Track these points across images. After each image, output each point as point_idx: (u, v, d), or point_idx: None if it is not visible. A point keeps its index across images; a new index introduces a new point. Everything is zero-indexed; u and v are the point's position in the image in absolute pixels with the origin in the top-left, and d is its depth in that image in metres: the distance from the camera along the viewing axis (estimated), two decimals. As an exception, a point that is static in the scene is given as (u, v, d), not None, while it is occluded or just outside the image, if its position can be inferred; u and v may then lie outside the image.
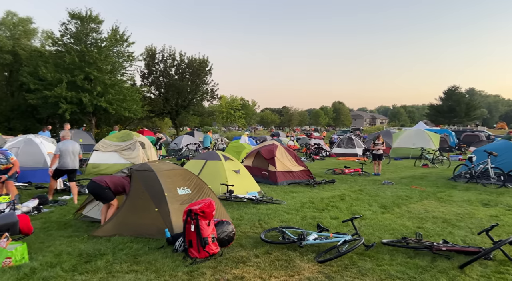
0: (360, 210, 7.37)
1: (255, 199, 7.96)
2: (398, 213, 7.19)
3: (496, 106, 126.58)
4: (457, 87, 69.10)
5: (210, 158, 9.13)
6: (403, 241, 4.98)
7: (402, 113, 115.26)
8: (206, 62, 34.05)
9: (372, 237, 5.48)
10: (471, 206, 7.83)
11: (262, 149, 11.38)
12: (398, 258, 4.55)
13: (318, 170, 14.72)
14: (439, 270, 4.14)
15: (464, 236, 5.55)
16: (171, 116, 34.97)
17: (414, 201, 8.36)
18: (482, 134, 32.63)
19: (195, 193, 5.96)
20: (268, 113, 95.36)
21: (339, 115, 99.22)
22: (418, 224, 6.32)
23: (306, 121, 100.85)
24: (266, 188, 9.78)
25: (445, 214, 7.02)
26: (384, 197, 8.84)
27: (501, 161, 10.95)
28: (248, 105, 69.55)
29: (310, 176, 11.38)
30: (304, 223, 6.31)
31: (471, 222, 6.44)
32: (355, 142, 22.99)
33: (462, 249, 4.62)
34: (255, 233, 5.68)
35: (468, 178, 11.41)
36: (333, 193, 9.40)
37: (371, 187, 10.59)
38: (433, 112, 70.15)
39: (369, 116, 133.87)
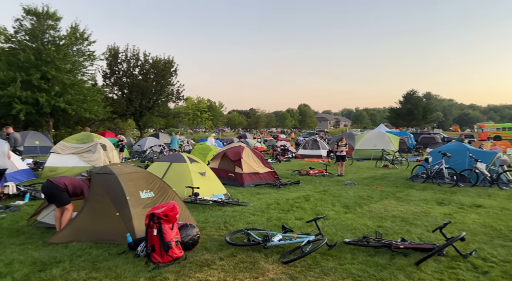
0: (323, 211, 7.53)
1: (221, 202, 7.91)
2: (359, 212, 7.42)
3: (450, 110, 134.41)
4: (415, 91, 72.57)
5: (175, 161, 8.97)
6: (364, 240, 5.15)
7: (364, 115, 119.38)
8: (171, 62, 33.50)
9: (335, 236, 5.62)
10: (427, 205, 8.23)
11: (229, 151, 11.34)
12: (359, 256, 4.70)
13: (284, 172, 14.89)
14: (397, 267, 4.32)
15: (420, 233, 5.82)
16: (135, 117, 34.03)
17: (375, 201, 8.66)
18: (437, 136, 34.47)
19: (158, 197, 5.83)
20: (236, 115, 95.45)
21: (304, 118, 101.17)
22: (378, 223, 6.55)
23: (273, 123, 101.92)
24: (232, 190, 9.76)
25: (404, 213, 7.33)
26: (347, 198, 9.09)
27: (454, 162, 11.62)
28: (215, 107, 69.09)
29: (276, 178, 11.49)
30: (269, 225, 6.35)
31: (427, 220, 6.77)
32: (319, 144, 23.50)
33: (418, 246, 4.85)
34: (220, 235, 5.64)
35: (425, 178, 12.00)
36: (298, 194, 9.54)
37: (335, 187, 10.86)
38: (393, 115, 73.16)
39: (334, 118, 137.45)
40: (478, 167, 11.00)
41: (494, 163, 11.33)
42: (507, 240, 5.43)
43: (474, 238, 5.56)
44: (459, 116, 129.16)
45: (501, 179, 10.85)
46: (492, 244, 5.25)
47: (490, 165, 11.21)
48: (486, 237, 5.63)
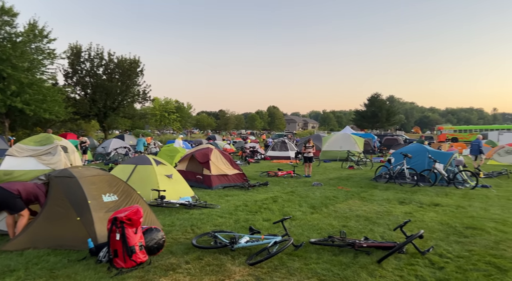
0: (291, 211, 7.62)
1: (188, 204, 7.81)
2: (325, 213, 7.57)
3: (412, 112, 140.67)
4: (379, 94, 75.26)
5: (140, 163, 8.75)
6: (329, 239, 5.26)
7: (331, 118, 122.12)
8: (137, 62, 32.66)
9: (301, 237, 5.70)
10: (389, 204, 8.53)
11: (197, 153, 11.22)
12: (324, 256, 4.79)
13: (253, 173, 14.93)
14: (360, 265, 4.45)
15: (382, 232, 6.03)
16: (99, 119, 32.83)
17: (340, 201, 8.88)
18: (400, 138, 35.94)
19: (122, 200, 5.66)
20: (204, 116, 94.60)
21: (274, 119, 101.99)
22: (343, 222, 6.72)
23: (243, 125, 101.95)
24: (200, 193, 9.66)
25: (367, 213, 7.56)
26: (314, 198, 9.25)
27: (415, 163, 12.15)
28: (184, 108, 68.16)
29: (245, 179, 11.49)
30: (237, 226, 6.34)
31: (389, 219, 7.02)
32: (288, 145, 23.78)
33: (380, 244, 5.02)
34: (186, 239, 5.56)
35: (388, 178, 12.46)
36: (266, 196, 9.59)
37: (302, 188, 11.02)
38: (358, 117, 75.44)
39: (302, 120, 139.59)
40: (437, 167, 11.56)
41: (451, 164, 11.96)
42: (461, 237, 5.75)
43: (431, 235, 5.84)
44: (420, 119, 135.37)
45: (457, 179, 11.47)
46: (448, 240, 5.54)
47: (447, 166, 11.81)
48: (442, 234, 5.93)
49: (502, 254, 4.88)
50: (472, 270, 4.29)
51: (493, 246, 5.24)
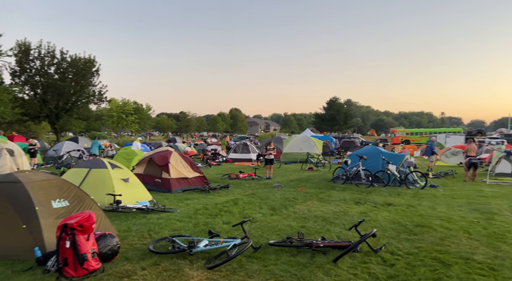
0: (251, 214, 7.65)
1: (146, 209, 7.59)
2: (285, 214, 7.68)
3: (368, 116, 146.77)
4: (337, 98, 77.83)
5: (95, 167, 8.38)
6: (288, 240, 5.34)
7: (292, 120, 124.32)
8: (92, 62, 31.23)
9: (260, 239, 5.74)
10: (346, 205, 8.83)
11: (155, 156, 10.95)
12: (283, 257, 4.86)
13: (214, 176, 14.82)
14: (316, 265, 4.56)
15: (339, 232, 6.22)
16: (50, 120, 30.98)
17: (300, 202, 9.05)
18: (357, 140, 37.38)
19: (74, 206, 5.39)
20: (165, 118, 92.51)
21: (236, 122, 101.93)
22: (302, 223, 6.85)
23: (204, 127, 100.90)
24: (158, 197, 9.42)
25: (325, 213, 7.77)
26: (274, 200, 9.36)
27: (370, 164, 12.67)
28: (142, 109, 66.20)
29: (206, 182, 11.38)
30: (196, 230, 6.26)
31: (345, 219, 7.26)
32: (250, 147, 23.88)
33: (336, 244, 5.17)
34: (143, 244, 5.40)
35: (344, 179, 12.89)
36: (227, 198, 9.56)
37: (263, 190, 11.10)
38: (318, 120, 77.47)
39: (264, 123, 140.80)
40: (390, 168, 12.14)
41: (403, 165, 12.62)
42: (411, 234, 6.07)
43: (384, 233, 6.11)
44: (375, 122, 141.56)
45: (408, 179, 12.11)
46: (399, 238, 5.83)
47: (399, 167, 12.45)
48: (394, 232, 6.23)
49: (446, 249, 5.21)
50: (420, 266, 4.55)
51: (439, 242, 5.59)
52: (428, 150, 17.93)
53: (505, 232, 6.17)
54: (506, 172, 14.84)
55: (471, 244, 5.51)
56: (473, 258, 4.84)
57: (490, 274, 4.28)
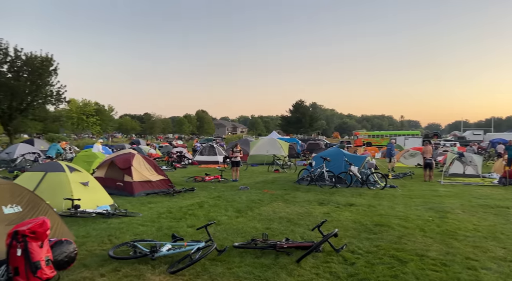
0: (216, 216, 7.60)
1: (106, 213, 7.33)
2: (250, 216, 7.71)
3: (332, 119, 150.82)
4: (303, 101, 79.34)
5: (51, 170, 7.98)
6: (252, 242, 5.36)
7: (259, 123, 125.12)
8: (50, 60, 29.68)
9: (225, 241, 5.71)
10: (310, 206, 9.00)
11: (117, 159, 10.61)
12: (247, 259, 4.87)
13: (179, 179, 14.59)
14: (280, 266, 4.61)
15: (302, 232, 6.33)
16: (3, 121, 29.13)
17: (265, 204, 9.12)
18: (321, 142, 38.22)
19: (27, 211, 5.09)
20: (128, 119, 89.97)
21: (202, 124, 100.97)
22: (267, 225, 6.90)
23: (170, 129, 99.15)
24: (120, 200, 9.12)
25: (289, 214, 7.88)
26: (240, 202, 9.36)
27: (333, 166, 12.99)
28: (104, 111, 63.90)
29: (170, 185, 11.17)
30: (159, 235, 6.12)
31: (309, 219, 7.39)
32: (216, 150, 23.74)
33: (299, 244, 5.26)
34: (103, 250, 5.21)
35: (309, 181, 13.14)
36: (192, 201, 9.44)
37: (229, 193, 11.07)
38: (284, 123, 78.56)
39: (231, 125, 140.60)
40: (352, 170, 12.52)
41: (364, 166, 13.06)
42: (371, 234, 6.29)
43: (346, 233, 6.29)
44: (339, 124, 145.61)
45: (369, 180, 12.55)
46: (360, 237, 6.02)
47: (361, 168, 12.87)
48: (355, 232, 6.43)
49: (403, 247, 5.45)
50: (378, 264, 4.72)
51: (397, 240, 5.84)
52: (388, 152, 18.76)
53: (456, 230, 6.55)
54: (459, 173, 15.79)
55: (425, 241, 5.80)
56: (427, 254, 5.10)
57: (442, 269, 4.53)
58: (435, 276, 4.32)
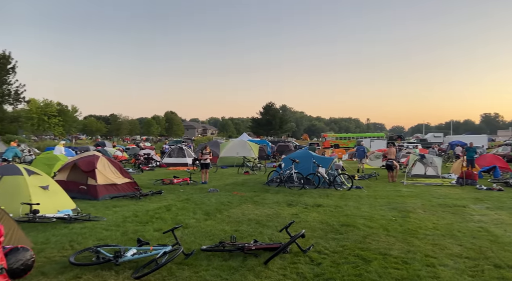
0: (184, 219, 7.49)
1: (68, 218, 7.02)
2: (219, 218, 7.65)
3: (301, 121, 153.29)
4: (273, 103, 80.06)
5: (7, 173, 7.54)
6: (220, 245, 5.33)
7: (230, 124, 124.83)
8: (7, 58, 28.23)
9: (193, 245, 5.64)
10: (279, 207, 9.07)
11: (80, 161, 10.21)
12: (215, 262, 4.83)
13: (147, 182, 14.27)
14: (248, 268, 4.61)
15: (271, 234, 6.37)
16: (-46, 121, 27.34)
17: (234, 206, 9.09)
18: (291, 144, 38.70)
19: (-21, 218, 4.78)
20: (93, 120, 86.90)
21: (171, 125, 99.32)
22: (235, 227, 6.88)
23: (137, 130, 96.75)
24: (83, 204, 8.78)
25: (258, 216, 7.90)
26: (209, 205, 9.27)
27: (302, 167, 13.19)
28: (67, 111, 61.36)
29: (136, 188, 10.87)
30: (124, 239, 5.95)
31: (278, 221, 7.45)
32: (185, 151, 23.42)
33: (267, 246, 5.29)
34: (63, 256, 4.99)
35: (278, 182, 13.25)
36: (159, 205, 9.25)
37: (198, 195, 10.95)
38: (254, 125, 78.90)
39: (201, 126, 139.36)
40: (320, 171, 12.76)
41: (331, 168, 13.35)
42: (337, 234, 6.43)
43: (313, 234, 6.39)
44: (308, 127, 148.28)
45: (336, 181, 12.84)
46: (326, 238, 6.14)
47: (328, 169, 13.14)
48: (322, 232, 6.55)
49: (368, 247, 5.62)
50: (344, 263, 4.83)
51: (361, 240, 6.00)
52: (361, 153, 19.55)
53: (417, 228, 6.83)
54: (420, 174, 16.50)
55: (388, 240, 6.01)
56: (390, 253, 5.28)
57: (403, 267, 4.70)
58: (397, 274, 4.48)
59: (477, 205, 9.48)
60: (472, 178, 14.03)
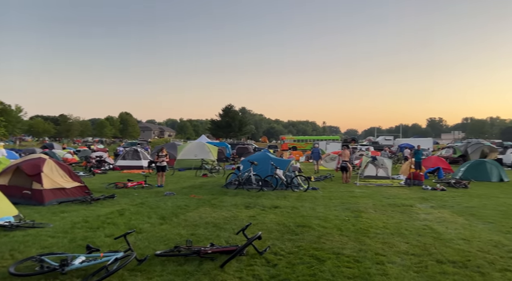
0: (138, 224, 7.24)
1: (9, 225, 6.53)
2: (175, 222, 7.49)
3: (260, 123, 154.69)
4: (232, 105, 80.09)
5: None
6: (175, 250, 5.21)
7: (188, 126, 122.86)
8: None
9: (147, 250, 5.47)
10: (237, 209, 9.05)
11: (24, 164, 9.54)
12: (169, 267, 4.71)
13: (99, 185, 13.65)
14: (203, 272, 4.54)
15: (228, 237, 6.33)
16: None
17: (191, 210, 8.94)
18: (250, 147, 38.88)
19: None
20: (40, 121, 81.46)
21: (126, 126, 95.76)
22: (192, 231, 6.76)
23: (89, 132, 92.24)
24: (27, 210, 8.19)
25: (216, 219, 7.83)
26: (165, 208, 9.05)
27: (260, 169, 13.29)
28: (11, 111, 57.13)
29: (87, 193, 10.37)
30: (72, 246, 5.63)
31: (235, 223, 7.42)
32: (141, 154, 22.70)
33: (224, 249, 5.25)
34: (3, 267, 4.63)
35: (237, 185, 13.24)
36: (112, 209, 8.87)
37: (153, 199, 10.65)
38: (214, 127, 78.40)
39: (158, 128, 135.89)
40: (277, 173, 12.92)
41: (289, 169, 13.57)
42: (293, 235, 6.54)
43: (270, 235, 6.45)
44: (267, 129, 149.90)
45: (293, 183, 13.08)
46: (283, 239, 6.22)
47: (286, 171, 13.36)
48: (278, 233, 6.63)
49: (322, 247, 5.76)
50: (299, 264, 4.92)
51: (316, 240, 6.15)
52: (316, 155, 20.88)
53: (368, 228, 7.13)
54: (372, 175, 17.28)
55: (342, 240, 6.21)
56: (343, 252, 5.46)
57: (355, 266, 4.88)
58: (349, 272, 4.63)
59: (422, 204, 10.10)
60: (418, 179, 14.93)
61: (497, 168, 17.05)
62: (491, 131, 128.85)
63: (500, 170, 17.02)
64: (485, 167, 16.90)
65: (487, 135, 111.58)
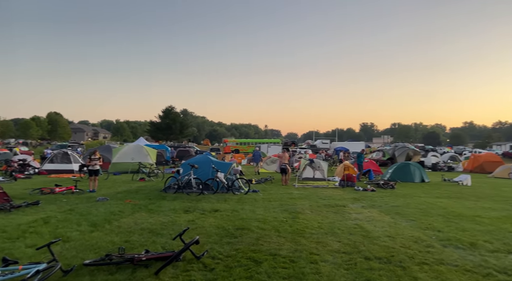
0: (66, 232, 6.73)
1: None
2: (108, 229, 7.08)
3: (203, 126, 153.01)
4: (173, 107, 78.00)
5: None
6: (106, 258, 4.92)
7: (125, 128, 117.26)
8: None
9: (74, 259, 5.09)
10: (175, 214, 8.82)
11: None
12: (99, 277, 4.44)
13: (21, 191, 12.47)
14: (137, 280, 4.34)
15: (164, 242, 6.14)
16: None
17: (126, 216, 8.51)
18: (192, 150, 38.23)
19: None
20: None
21: (56, 127, 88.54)
22: (126, 238, 6.44)
23: (12, 133, 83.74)
24: None
25: (152, 225, 7.55)
26: (96, 215, 8.51)
27: (201, 172, 13.11)
28: None
29: (6, 199, 9.37)
30: (-16, 260, 5.03)
31: (173, 228, 7.22)
32: (71, 157, 21.16)
33: (159, 255, 5.07)
34: None
35: (176, 188, 12.91)
36: (35, 217, 8.13)
37: (84, 205, 9.97)
38: (153, 129, 75.57)
39: (92, 129, 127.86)
40: (219, 176, 12.86)
41: (230, 172, 13.58)
42: (232, 238, 6.54)
43: (208, 239, 6.38)
44: (210, 132, 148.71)
45: (234, 186, 13.11)
46: (221, 242, 6.18)
47: (227, 174, 13.34)
48: (217, 237, 6.57)
49: (259, 249, 5.84)
50: (236, 267, 4.93)
51: (254, 242, 6.22)
52: (257, 157, 22.28)
53: (304, 228, 7.38)
54: (309, 177, 17.97)
55: (279, 241, 6.35)
56: (280, 253, 5.58)
57: (291, 266, 5.01)
58: (284, 272, 4.75)
59: (354, 205, 10.72)
60: (351, 180, 15.84)
61: (419, 169, 18.75)
62: (415, 135, 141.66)
63: (422, 172, 18.74)
64: (409, 169, 18.48)
65: (412, 139, 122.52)
